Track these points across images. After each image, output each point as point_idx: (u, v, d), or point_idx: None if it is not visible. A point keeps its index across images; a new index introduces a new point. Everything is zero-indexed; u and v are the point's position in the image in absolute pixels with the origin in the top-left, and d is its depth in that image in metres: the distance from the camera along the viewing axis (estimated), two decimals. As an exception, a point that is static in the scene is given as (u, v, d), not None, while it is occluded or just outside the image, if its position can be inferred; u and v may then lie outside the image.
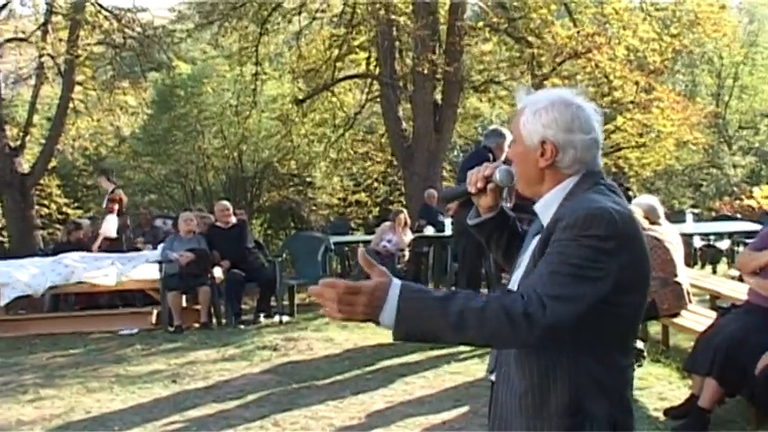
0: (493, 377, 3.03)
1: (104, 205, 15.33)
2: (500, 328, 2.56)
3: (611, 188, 2.91)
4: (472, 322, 2.56)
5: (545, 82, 18.12)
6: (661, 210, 9.24)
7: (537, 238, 2.91)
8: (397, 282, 2.59)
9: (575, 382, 2.76)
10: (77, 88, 18.81)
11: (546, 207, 2.94)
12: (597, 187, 2.88)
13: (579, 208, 2.75)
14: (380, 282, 2.60)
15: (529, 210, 3.07)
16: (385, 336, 11.35)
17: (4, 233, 19.69)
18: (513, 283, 3.00)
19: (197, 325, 12.96)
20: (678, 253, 8.71)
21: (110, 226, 15.03)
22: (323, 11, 18.68)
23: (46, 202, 20.74)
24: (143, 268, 14.00)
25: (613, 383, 2.83)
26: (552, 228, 2.76)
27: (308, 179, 23.32)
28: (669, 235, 8.83)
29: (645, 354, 8.98)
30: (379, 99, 18.87)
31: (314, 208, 22.73)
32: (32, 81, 20.00)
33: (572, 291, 2.61)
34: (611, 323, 2.76)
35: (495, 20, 17.62)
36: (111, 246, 14.71)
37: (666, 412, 7.09)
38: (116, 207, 15.01)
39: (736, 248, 16.00)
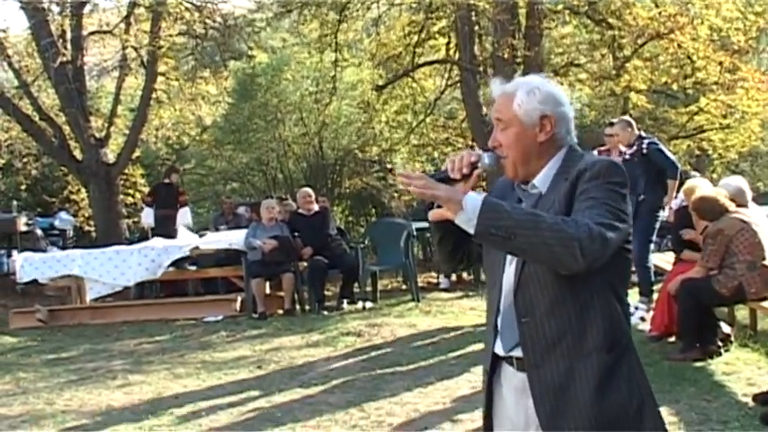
0: (518, 352, 3.14)
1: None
2: (567, 233, 2.82)
3: None
4: (545, 223, 2.84)
5: (627, 64, 17.92)
6: (749, 192, 9.09)
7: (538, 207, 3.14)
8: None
9: (608, 319, 3.06)
10: (160, 79, 19.01)
11: (545, 179, 3.20)
12: (588, 153, 3.31)
13: (596, 161, 3.12)
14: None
15: None
16: (468, 321, 11.37)
17: (91, 222, 19.98)
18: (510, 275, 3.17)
19: (281, 311, 13.08)
20: (766, 236, 8.56)
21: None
22: (401, -4, 18.68)
23: (130, 191, 20.96)
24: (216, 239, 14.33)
25: (627, 321, 3.19)
26: (575, 180, 3.05)
27: (389, 165, 23.30)
28: (756, 217, 8.68)
29: (732, 338, 8.87)
30: (459, 84, 18.80)
31: (395, 194, 22.71)
32: (116, 73, 20.25)
33: (614, 223, 2.93)
34: (624, 265, 3.19)
35: (575, 2, 17.40)
36: None
37: (755, 398, 6.99)
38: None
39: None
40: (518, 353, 3.13)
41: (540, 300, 3.06)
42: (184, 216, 16.34)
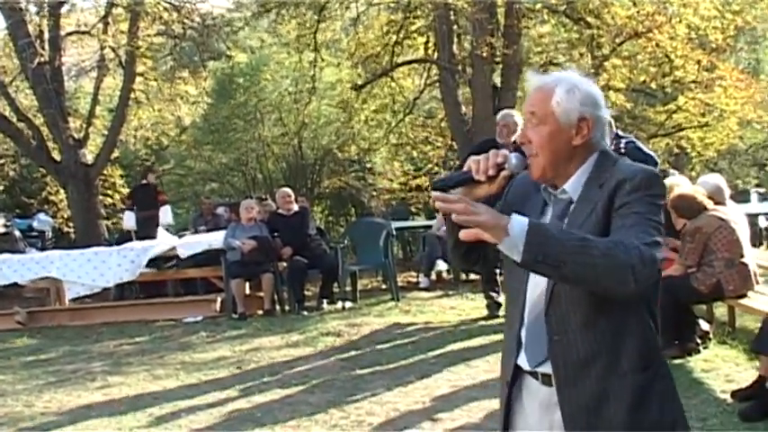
0: (545, 368, 2.98)
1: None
2: (619, 258, 2.67)
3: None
4: (597, 250, 2.67)
5: (605, 63, 17.96)
6: (727, 190, 9.14)
7: (570, 213, 2.99)
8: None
9: (642, 337, 2.92)
10: (138, 79, 18.95)
11: (576, 186, 3.00)
12: (620, 160, 3.05)
13: (636, 170, 2.93)
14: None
15: None
16: (448, 319, 11.37)
17: (70, 223, 19.93)
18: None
19: (260, 312, 13.06)
20: (744, 233, 8.61)
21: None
22: (380, -5, 18.67)
23: (109, 192, 20.93)
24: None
25: (657, 335, 3.03)
26: (613, 191, 2.87)
27: (368, 165, 23.34)
28: (734, 215, 8.73)
29: (711, 335, 8.91)
30: (438, 84, 18.81)
31: (374, 194, 22.74)
32: (94, 73, 20.20)
33: (657, 239, 2.80)
34: (656, 279, 2.92)
35: (553, 1, 17.45)
36: None
37: (734, 394, 7.02)
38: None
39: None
40: (545, 369, 2.99)
41: (573, 317, 2.91)
42: (165, 215, 16.27)
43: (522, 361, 3.06)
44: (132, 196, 16.96)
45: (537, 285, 3.00)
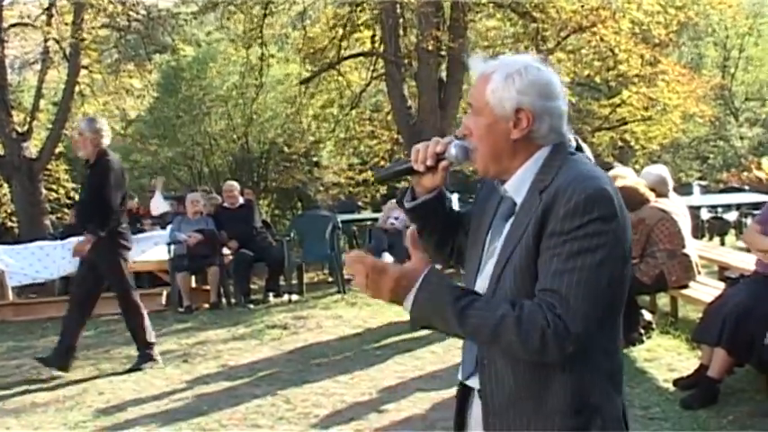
0: (472, 382, 2.78)
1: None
2: (514, 345, 2.46)
3: (587, 157, 2.73)
4: (484, 335, 2.50)
5: (550, 57, 18.09)
6: (670, 182, 9.24)
7: (511, 221, 2.66)
8: (427, 273, 2.53)
9: (578, 376, 2.57)
10: (83, 72, 18.77)
11: (519, 185, 2.67)
12: (573, 157, 2.67)
13: (574, 187, 2.50)
14: (411, 270, 2.55)
15: None
16: (394, 312, 11.40)
17: (14, 218, 19.72)
18: (485, 274, 2.71)
19: (207, 305, 13.02)
20: (686, 225, 8.73)
21: None
22: (326, -11, 18.73)
23: (54, 186, 20.72)
24: (153, 251, 14.08)
25: (618, 370, 2.69)
26: (547, 208, 2.52)
27: (315, 159, 23.36)
28: (677, 207, 8.84)
29: (654, 325, 9.01)
30: (384, 77, 18.84)
31: (321, 188, 22.79)
32: (38, 66, 20.00)
33: (585, 304, 2.45)
34: (615, 308, 2.61)
35: (498, -6, 17.61)
36: None
37: (676, 383, 7.13)
38: None
39: (743, 220, 16.02)
40: (472, 383, 2.76)
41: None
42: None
43: (460, 371, 2.87)
44: None
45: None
